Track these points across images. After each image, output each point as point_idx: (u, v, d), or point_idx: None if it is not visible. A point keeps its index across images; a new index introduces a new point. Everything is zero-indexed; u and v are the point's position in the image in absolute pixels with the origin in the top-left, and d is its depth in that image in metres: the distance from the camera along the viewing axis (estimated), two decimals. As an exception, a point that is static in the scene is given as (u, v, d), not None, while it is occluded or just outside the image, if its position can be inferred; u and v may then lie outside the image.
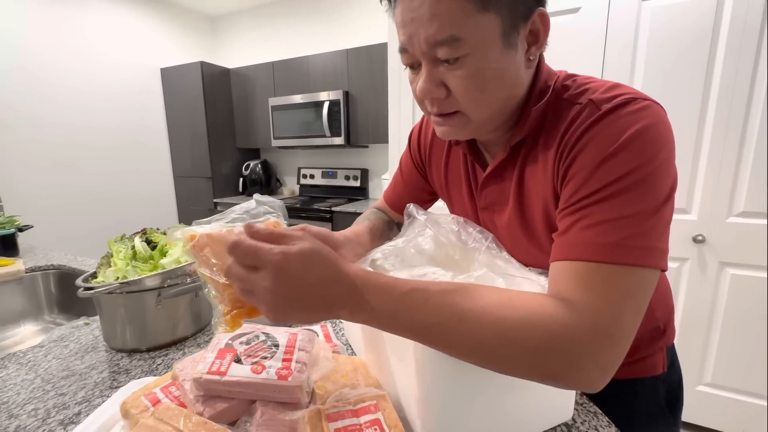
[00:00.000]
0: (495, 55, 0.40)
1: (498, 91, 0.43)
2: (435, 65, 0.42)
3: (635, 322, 0.36)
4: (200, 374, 0.43)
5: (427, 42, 0.40)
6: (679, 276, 1.44)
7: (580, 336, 0.34)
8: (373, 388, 0.48)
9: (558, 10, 1.45)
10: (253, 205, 0.49)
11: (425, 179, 0.70)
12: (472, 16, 0.38)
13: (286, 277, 0.34)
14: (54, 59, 2.46)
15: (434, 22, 0.39)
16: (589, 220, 0.38)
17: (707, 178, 1.33)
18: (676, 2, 1.29)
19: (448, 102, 0.44)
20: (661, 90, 1.35)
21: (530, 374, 0.36)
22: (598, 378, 0.35)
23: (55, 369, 0.64)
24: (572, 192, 0.40)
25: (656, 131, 0.38)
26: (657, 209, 0.37)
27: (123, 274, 0.69)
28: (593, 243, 0.37)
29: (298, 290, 0.34)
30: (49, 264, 1.26)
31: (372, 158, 2.90)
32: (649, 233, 0.36)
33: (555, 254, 0.40)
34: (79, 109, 2.61)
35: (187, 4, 3.15)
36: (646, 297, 0.37)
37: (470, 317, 0.35)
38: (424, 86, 0.43)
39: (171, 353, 0.69)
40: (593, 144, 0.39)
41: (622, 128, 0.38)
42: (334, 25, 2.88)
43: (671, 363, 0.62)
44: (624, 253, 0.36)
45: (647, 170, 0.36)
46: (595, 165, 0.38)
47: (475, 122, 0.45)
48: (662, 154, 0.37)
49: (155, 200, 3.15)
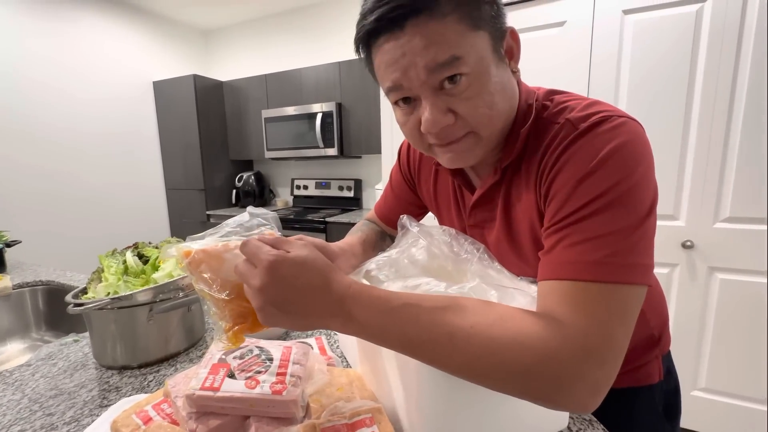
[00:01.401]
0: (492, 69, 0.42)
1: (503, 103, 0.44)
2: (437, 94, 0.42)
3: (625, 340, 0.36)
4: (193, 390, 0.43)
5: (427, 68, 0.39)
6: (669, 281, 1.46)
7: (570, 359, 0.34)
8: (368, 401, 0.47)
9: (544, 24, 1.50)
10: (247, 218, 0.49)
11: (415, 193, 0.70)
12: (467, 35, 0.39)
13: (276, 277, 0.35)
14: (45, 73, 2.46)
15: (431, 49, 0.39)
16: (572, 238, 0.38)
17: (693, 184, 1.36)
18: (656, 15, 1.33)
19: (456, 127, 0.43)
20: (646, 99, 1.39)
21: (520, 395, 0.35)
22: (589, 400, 0.35)
23: (42, 388, 0.63)
24: (555, 211, 0.40)
25: (633, 147, 0.38)
26: (638, 225, 0.37)
27: (114, 289, 0.68)
28: (577, 262, 0.37)
29: (286, 293, 0.35)
30: (38, 280, 1.24)
31: (365, 169, 2.92)
32: (631, 249, 0.36)
33: (542, 273, 0.41)
34: (70, 123, 2.59)
35: (180, 18, 3.17)
36: (634, 314, 0.37)
37: (460, 336, 0.35)
38: (432, 117, 0.42)
39: (163, 369, 0.68)
40: (572, 163, 0.40)
41: (599, 146, 0.38)
42: (326, 39, 2.92)
43: (668, 371, 0.62)
44: (608, 271, 0.36)
45: (626, 186, 0.37)
46: (575, 183, 0.39)
47: (485, 139, 0.45)
48: (640, 169, 0.38)
49: (147, 213, 3.12)
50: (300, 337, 0.78)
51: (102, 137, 2.78)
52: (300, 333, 0.79)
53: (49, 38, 2.47)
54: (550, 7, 1.48)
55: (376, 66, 0.44)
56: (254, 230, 0.47)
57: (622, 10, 1.37)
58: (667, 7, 1.32)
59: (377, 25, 0.40)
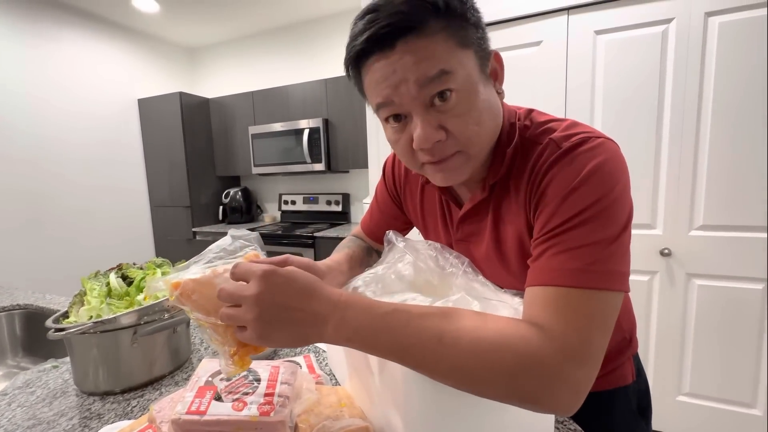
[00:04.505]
0: (480, 87, 0.44)
1: (490, 121, 0.46)
2: (428, 110, 0.43)
3: (603, 343, 0.38)
4: (179, 415, 0.42)
5: (418, 83, 0.41)
6: (650, 288, 1.50)
7: (551, 360, 0.36)
8: (357, 419, 0.47)
9: (522, 44, 1.57)
10: (229, 241, 0.48)
11: (400, 209, 0.72)
12: (455, 52, 0.42)
13: (271, 284, 0.37)
14: (27, 92, 2.42)
15: (422, 64, 0.40)
16: (557, 248, 0.41)
17: (668, 194, 1.42)
18: (626, 35, 1.42)
19: (446, 144, 0.44)
20: (620, 113, 1.45)
21: (507, 397, 0.37)
22: (572, 401, 0.36)
23: (19, 418, 0.60)
24: (543, 224, 0.43)
25: (612, 165, 0.42)
26: (616, 236, 0.40)
27: (97, 312, 0.67)
28: (561, 269, 0.40)
29: (281, 297, 0.37)
30: (15, 304, 1.19)
31: (353, 183, 2.93)
32: (609, 258, 0.39)
33: (529, 279, 0.43)
34: (51, 141, 2.54)
35: (165, 36, 3.19)
36: (612, 318, 0.39)
37: (448, 339, 0.36)
38: (424, 133, 0.43)
39: (147, 394, 0.66)
40: (557, 179, 0.43)
41: (581, 165, 0.42)
42: (312, 57, 2.97)
43: (638, 372, 0.66)
44: (588, 278, 0.39)
45: (606, 202, 0.40)
46: (561, 198, 0.42)
47: (474, 157, 0.47)
48: (618, 187, 0.41)
49: (131, 232, 3.05)
50: (288, 355, 0.77)
51: (84, 155, 2.73)
52: (288, 351, 0.79)
53: (31, 56, 2.44)
54: (527, 28, 1.55)
55: (366, 85, 0.45)
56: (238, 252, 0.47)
57: (594, 31, 1.45)
58: (635, 28, 1.40)
59: (367, 46, 0.42)
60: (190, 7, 2.69)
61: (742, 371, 1.40)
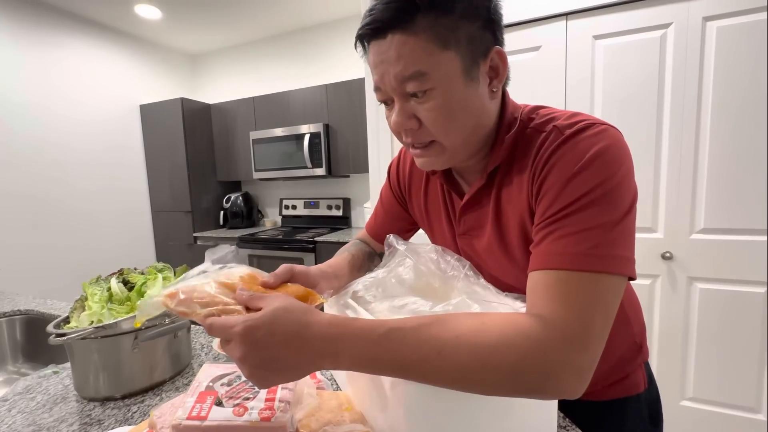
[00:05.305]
0: (459, 87, 0.45)
1: (465, 120, 0.47)
2: (406, 100, 0.46)
3: (605, 327, 0.38)
4: (179, 420, 0.42)
5: (396, 78, 0.44)
6: (652, 292, 1.49)
7: (554, 349, 0.36)
8: (357, 424, 0.47)
9: (521, 48, 1.58)
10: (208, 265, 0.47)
11: (405, 210, 0.72)
12: (434, 54, 0.43)
13: (252, 344, 0.35)
14: (30, 97, 2.44)
15: (401, 62, 0.43)
16: (560, 232, 0.41)
17: (668, 198, 1.42)
18: (624, 40, 1.42)
19: (421, 133, 0.48)
20: (619, 118, 1.45)
21: (513, 392, 0.37)
22: (576, 384, 0.37)
23: (20, 424, 0.60)
24: (545, 208, 0.44)
25: (614, 151, 0.42)
26: (619, 220, 0.40)
27: (98, 317, 0.67)
28: (563, 253, 0.40)
29: (267, 353, 0.36)
30: (15, 309, 1.19)
31: (354, 187, 2.94)
32: (612, 242, 0.40)
33: (531, 264, 0.43)
34: (53, 147, 2.56)
35: (167, 43, 3.22)
36: (614, 303, 0.39)
37: (448, 348, 0.36)
38: (397, 119, 0.48)
39: (148, 399, 0.66)
40: (560, 164, 0.43)
41: (584, 149, 0.42)
42: (313, 62, 2.99)
43: (650, 379, 0.64)
44: (589, 261, 0.39)
45: (609, 186, 0.40)
46: (563, 183, 0.42)
47: (449, 149, 0.49)
48: (621, 171, 0.41)
49: (132, 237, 3.06)
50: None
51: (86, 161, 2.74)
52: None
53: (34, 63, 2.46)
54: (527, 33, 1.56)
55: (370, 63, 0.48)
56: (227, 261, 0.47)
57: (592, 36, 1.46)
58: (633, 32, 1.41)
59: (366, 31, 0.46)
60: (191, 14, 2.72)
61: (745, 375, 1.39)
